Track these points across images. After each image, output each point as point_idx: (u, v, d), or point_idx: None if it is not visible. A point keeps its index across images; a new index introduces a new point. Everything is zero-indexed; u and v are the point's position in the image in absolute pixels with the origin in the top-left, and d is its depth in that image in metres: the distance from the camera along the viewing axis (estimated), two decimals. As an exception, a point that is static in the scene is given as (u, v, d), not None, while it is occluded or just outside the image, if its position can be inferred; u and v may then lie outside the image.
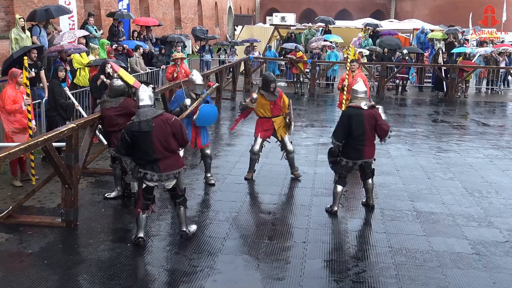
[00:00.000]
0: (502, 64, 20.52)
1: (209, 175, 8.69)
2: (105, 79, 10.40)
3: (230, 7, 48.68)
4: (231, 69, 18.58)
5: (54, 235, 6.57)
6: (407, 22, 30.51)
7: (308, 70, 19.80)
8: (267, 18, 52.97)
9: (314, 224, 7.13)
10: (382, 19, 37.06)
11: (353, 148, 7.37)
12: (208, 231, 6.80)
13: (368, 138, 7.35)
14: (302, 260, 6.07)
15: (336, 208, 7.51)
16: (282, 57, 21.79)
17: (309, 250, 6.33)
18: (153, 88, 7.24)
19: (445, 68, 19.41)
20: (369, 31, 23.44)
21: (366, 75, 20.46)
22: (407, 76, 19.86)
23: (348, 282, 5.63)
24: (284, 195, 8.25)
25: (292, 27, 25.80)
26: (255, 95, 8.78)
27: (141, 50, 16.08)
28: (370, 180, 7.67)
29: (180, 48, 17.23)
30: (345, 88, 10.67)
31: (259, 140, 9.04)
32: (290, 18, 43.51)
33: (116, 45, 15.20)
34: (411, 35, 25.18)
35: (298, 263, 5.98)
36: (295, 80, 19.57)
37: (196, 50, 23.51)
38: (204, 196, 8.05)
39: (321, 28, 24.43)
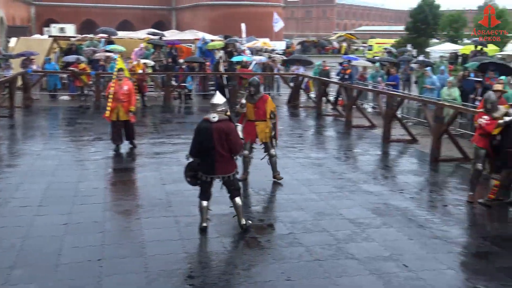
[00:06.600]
0: (276, 71, 22.32)
1: None
2: None
3: (1, 17, 45.04)
4: (7, 85, 17.19)
5: None
6: (188, 33, 31.40)
7: (92, 82, 19.25)
8: (45, 29, 50.30)
9: (109, 239, 6.98)
10: (164, 29, 37.52)
11: (206, 162, 7.13)
12: (-9, 262, 6.23)
13: (218, 153, 7.08)
14: (97, 278, 5.91)
15: (205, 224, 7.30)
16: (63, 70, 20.84)
17: (105, 266, 6.18)
18: None
19: (226, 75, 20.45)
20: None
21: (151, 85, 20.80)
22: (185, 84, 20.40)
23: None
24: (75, 213, 7.90)
25: (72, 39, 24.86)
26: (243, 100, 9.38)
27: None
28: (238, 199, 7.35)
29: None
30: (110, 96, 10.83)
31: (247, 144, 9.48)
32: (70, 29, 41.98)
33: None
34: (193, 45, 26.00)
35: (93, 282, 5.81)
36: (79, 93, 18.88)
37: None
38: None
39: (104, 39, 23.95)
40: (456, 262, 6.63)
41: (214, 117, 7.11)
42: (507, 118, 8.34)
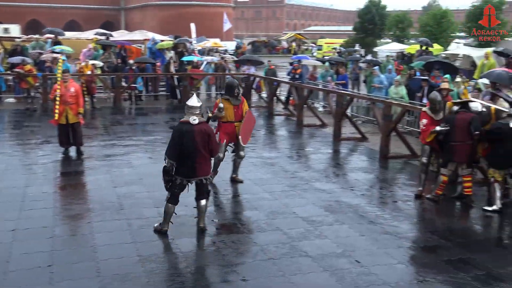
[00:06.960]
0: (227, 71, 22.31)
1: None
2: None
3: None
4: None
5: None
6: (138, 33, 31.01)
7: (38, 84, 18.76)
8: (-13, 29, 48.71)
9: (59, 245, 6.83)
10: (113, 30, 36.98)
11: (186, 165, 7.04)
12: None
13: (200, 155, 7.05)
14: (49, 285, 5.77)
15: (166, 228, 7.23)
16: (8, 71, 20.21)
17: (56, 272, 6.05)
18: None
19: (177, 76, 20.31)
20: None
21: (100, 86, 20.44)
22: (135, 85, 20.15)
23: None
24: (24, 219, 7.68)
25: (17, 39, 24.15)
26: (221, 104, 8.92)
27: None
28: (204, 201, 7.33)
29: None
30: (57, 99, 10.61)
31: (223, 146, 9.32)
32: (14, 30, 40.82)
33: None
34: (143, 45, 25.70)
35: None
36: (25, 95, 18.37)
37: None
38: None
39: (50, 39, 23.39)
40: (406, 257, 6.81)
41: (195, 119, 7.05)
42: (438, 128, 8.73)
